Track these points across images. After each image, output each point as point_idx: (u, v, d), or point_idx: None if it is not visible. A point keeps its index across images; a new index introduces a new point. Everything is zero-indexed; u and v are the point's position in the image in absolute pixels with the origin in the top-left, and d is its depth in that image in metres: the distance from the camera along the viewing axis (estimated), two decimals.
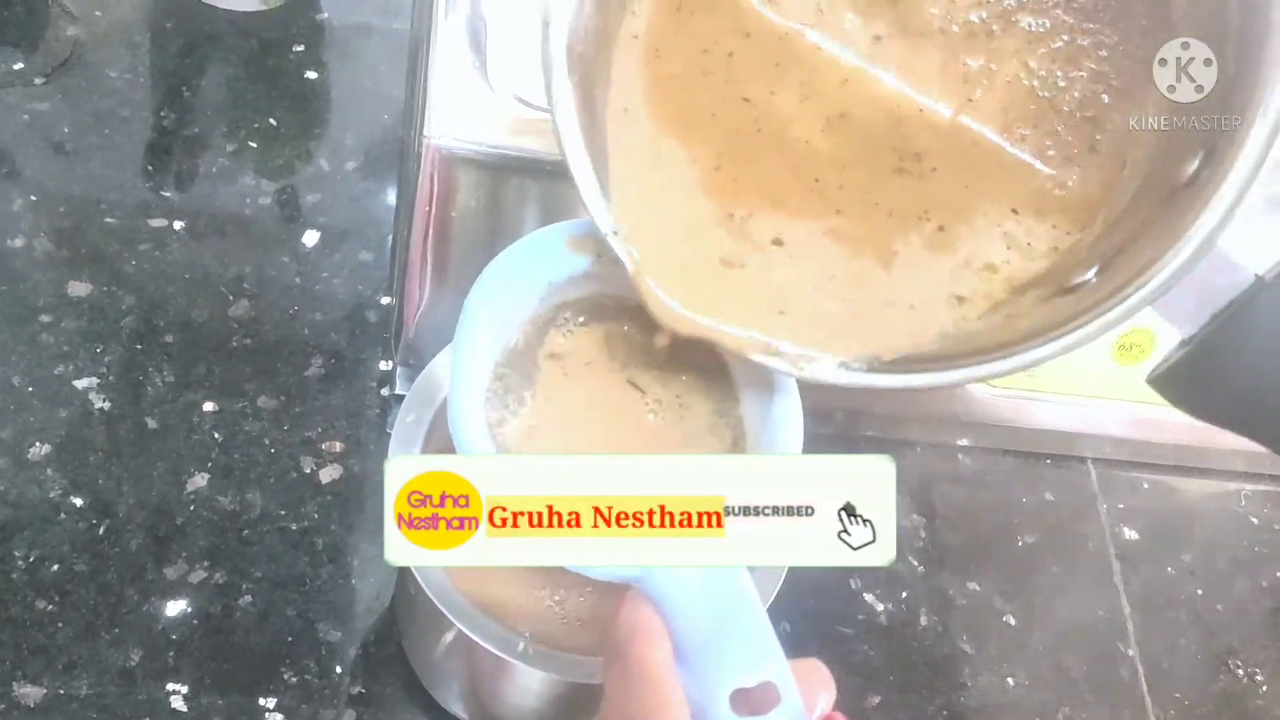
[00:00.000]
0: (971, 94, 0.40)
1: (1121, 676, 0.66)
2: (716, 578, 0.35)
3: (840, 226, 0.40)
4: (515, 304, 0.41)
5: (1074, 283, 0.38)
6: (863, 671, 0.62)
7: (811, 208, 0.40)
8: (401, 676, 0.55)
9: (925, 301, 0.39)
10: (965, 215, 0.40)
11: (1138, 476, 0.74)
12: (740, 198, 0.40)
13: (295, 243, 0.68)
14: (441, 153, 0.52)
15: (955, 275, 0.39)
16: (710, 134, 0.40)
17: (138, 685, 0.52)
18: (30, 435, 0.58)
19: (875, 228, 0.40)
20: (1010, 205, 0.40)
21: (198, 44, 0.75)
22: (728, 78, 0.40)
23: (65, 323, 0.61)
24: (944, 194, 0.40)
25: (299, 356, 0.64)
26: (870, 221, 0.40)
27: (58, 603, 0.54)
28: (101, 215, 0.66)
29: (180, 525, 0.57)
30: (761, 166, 0.40)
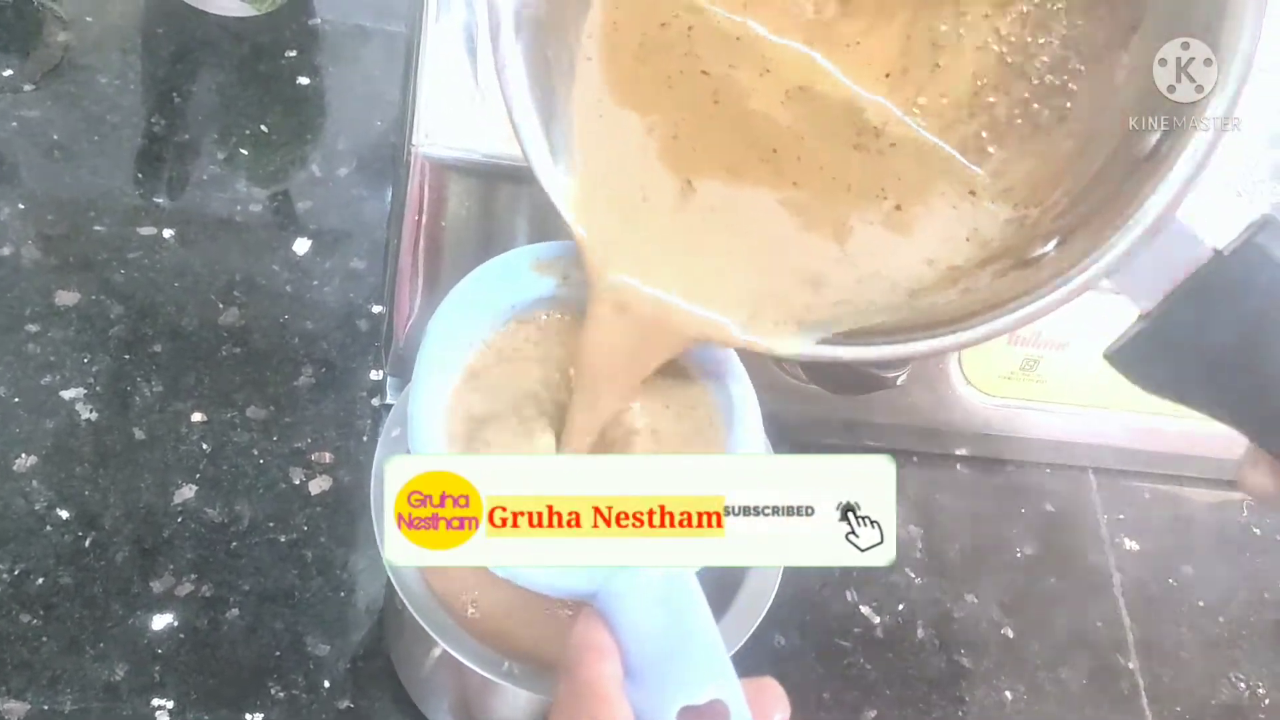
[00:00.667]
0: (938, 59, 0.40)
1: (1122, 690, 0.65)
2: (671, 594, 0.35)
3: (796, 198, 0.40)
4: (478, 327, 0.42)
5: (1032, 255, 0.38)
6: (859, 685, 0.61)
7: (768, 179, 0.40)
8: (390, 691, 0.55)
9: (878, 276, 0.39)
10: (922, 194, 0.40)
11: (1138, 486, 0.74)
12: (697, 166, 0.39)
13: (286, 250, 0.67)
14: (431, 161, 0.52)
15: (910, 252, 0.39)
16: (667, 104, 0.40)
17: (123, 700, 0.52)
18: (16, 446, 0.57)
19: (832, 202, 0.40)
20: (968, 186, 0.40)
21: (189, 49, 0.74)
22: (686, 51, 0.40)
23: (52, 332, 0.61)
24: (901, 171, 0.40)
25: (289, 366, 0.63)
26: (827, 196, 0.40)
27: (42, 616, 0.53)
28: (91, 223, 0.65)
29: (167, 537, 0.56)
30: (719, 136, 0.40)
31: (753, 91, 0.40)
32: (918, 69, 0.41)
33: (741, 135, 0.40)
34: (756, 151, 0.40)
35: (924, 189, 0.40)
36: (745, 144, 0.40)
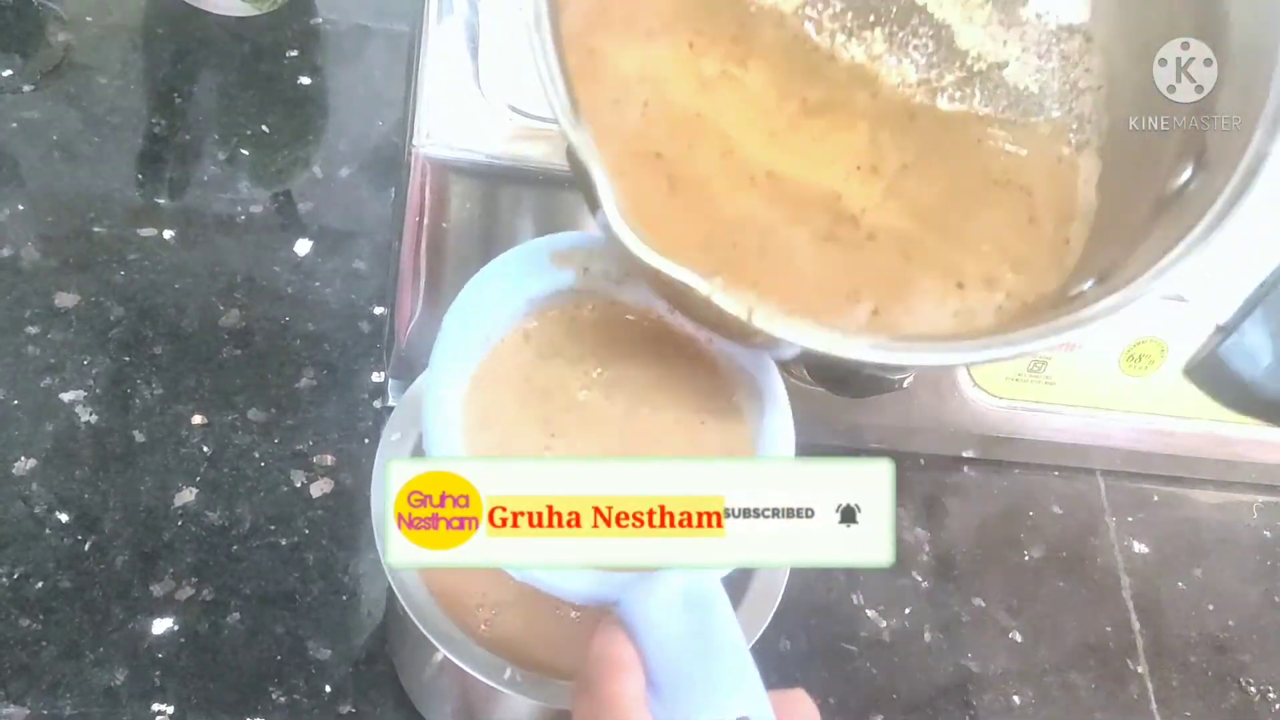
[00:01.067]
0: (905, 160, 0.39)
1: (1131, 694, 0.64)
2: (696, 600, 0.34)
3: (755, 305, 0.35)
4: (496, 319, 0.40)
5: (1070, 295, 0.37)
6: (866, 689, 0.61)
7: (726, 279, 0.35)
8: (392, 696, 0.54)
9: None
10: (902, 294, 0.37)
11: (1147, 489, 0.73)
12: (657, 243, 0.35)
13: (288, 251, 0.67)
14: (432, 161, 0.51)
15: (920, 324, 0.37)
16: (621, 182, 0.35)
17: (123, 705, 0.51)
18: (15, 449, 0.57)
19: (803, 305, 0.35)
20: (955, 278, 0.38)
21: (190, 49, 0.74)
22: (640, 131, 0.37)
23: (52, 334, 0.60)
24: (880, 266, 0.37)
25: (290, 368, 0.63)
26: (793, 299, 0.36)
27: (42, 621, 0.52)
28: (91, 224, 0.65)
29: (167, 541, 0.56)
30: (671, 231, 0.36)
31: (714, 175, 0.37)
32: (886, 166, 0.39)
33: (700, 227, 0.37)
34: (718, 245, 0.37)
35: (904, 286, 0.37)
36: (702, 237, 0.37)
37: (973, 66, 0.41)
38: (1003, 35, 0.41)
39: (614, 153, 0.36)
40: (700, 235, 0.37)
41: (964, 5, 0.41)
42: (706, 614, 0.34)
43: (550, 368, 0.42)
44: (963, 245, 0.38)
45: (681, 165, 0.37)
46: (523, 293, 0.40)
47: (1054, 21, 0.42)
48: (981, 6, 0.42)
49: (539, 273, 0.40)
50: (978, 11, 0.42)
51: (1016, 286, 0.38)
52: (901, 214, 0.38)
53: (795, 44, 0.40)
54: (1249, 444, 0.71)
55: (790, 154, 0.38)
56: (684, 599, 0.34)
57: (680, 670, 0.33)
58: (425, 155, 0.51)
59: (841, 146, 0.39)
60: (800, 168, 0.38)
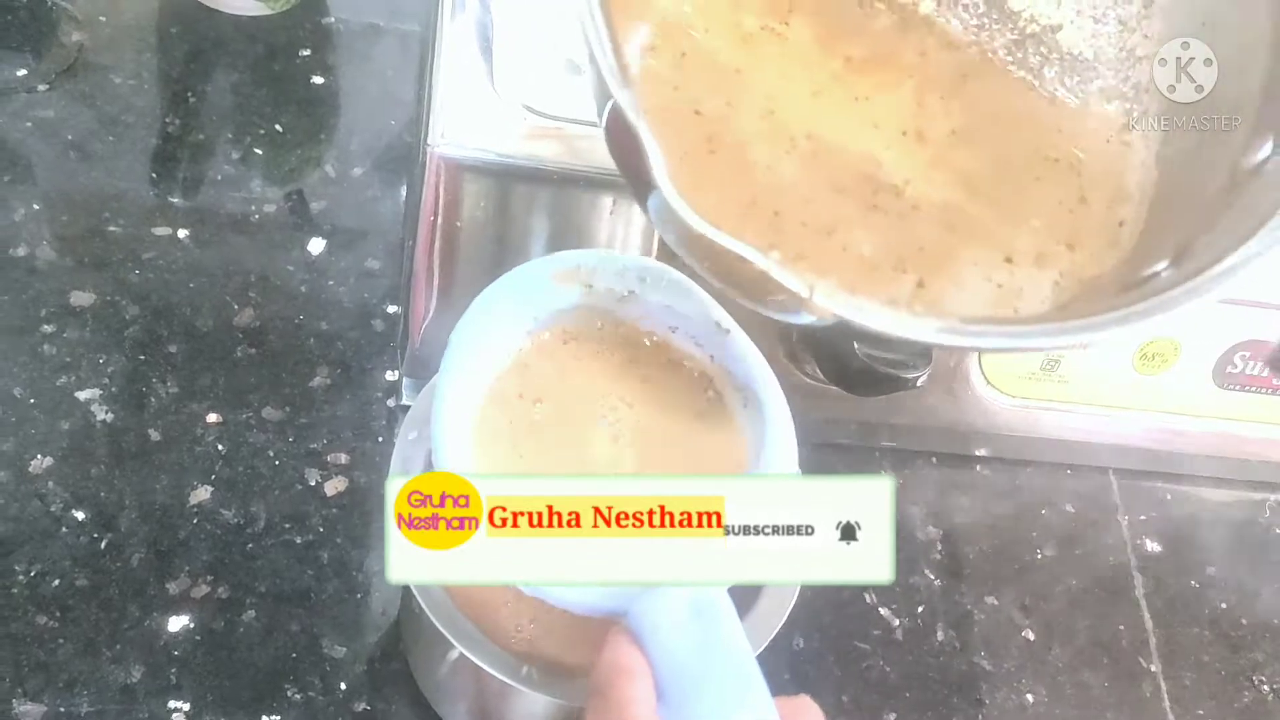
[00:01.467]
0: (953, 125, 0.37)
1: (1144, 693, 0.64)
2: (703, 612, 0.35)
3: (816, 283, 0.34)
4: (501, 338, 0.41)
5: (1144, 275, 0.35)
6: (879, 688, 0.61)
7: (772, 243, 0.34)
8: (407, 694, 0.54)
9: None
10: (949, 266, 0.35)
11: (1160, 487, 0.73)
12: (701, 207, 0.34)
13: (301, 250, 0.67)
14: (447, 161, 0.51)
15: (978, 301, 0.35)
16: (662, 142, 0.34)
17: (139, 703, 0.51)
18: (32, 448, 0.57)
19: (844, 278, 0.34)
20: (1004, 252, 0.36)
21: (203, 49, 0.74)
22: (678, 84, 0.35)
23: (68, 333, 0.61)
24: (925, 238, 0.35)
25: (304, 367, 0.63)
26: (838, 270, 0.35)
27: (59, 619, 0.53)
28: (106, 223, 0.65)
29: (183, 539, 0.56)
30: (711, 195, 0.34)
31: (754, 137, 0.35)
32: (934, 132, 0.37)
33: (740, 193, 0.35)
34: (758, 214, 0.35)
35: (950, 259, 0.35)
36: (745, 205, 0.35)
37: (1025, 29, 0.39)
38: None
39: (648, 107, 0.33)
40: (742, 201, 0.35)
41: None
42: (713, 624, 0.35)
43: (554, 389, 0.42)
44: (1012, 220, 0.36)
45: (721, 124, 0.36)
46: (528, 310, 0.41)
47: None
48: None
49: (542, 292, 0.41)
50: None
51: (1071, 265, 0.36)
52: (947, 185, 0.36)
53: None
54: (1262, 443, 0.71)
55: (833, 115, 0.37)
56: (690, 609, 0.35)
57: (688, 679, 0.34)
58: (440, 154, 0.51)
59: (888, 108, 0.37)
60: (843, 130, 0.36)
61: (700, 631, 0.34)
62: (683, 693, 0.33)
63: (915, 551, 0.66)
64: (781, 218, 0.35)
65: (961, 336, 0.32)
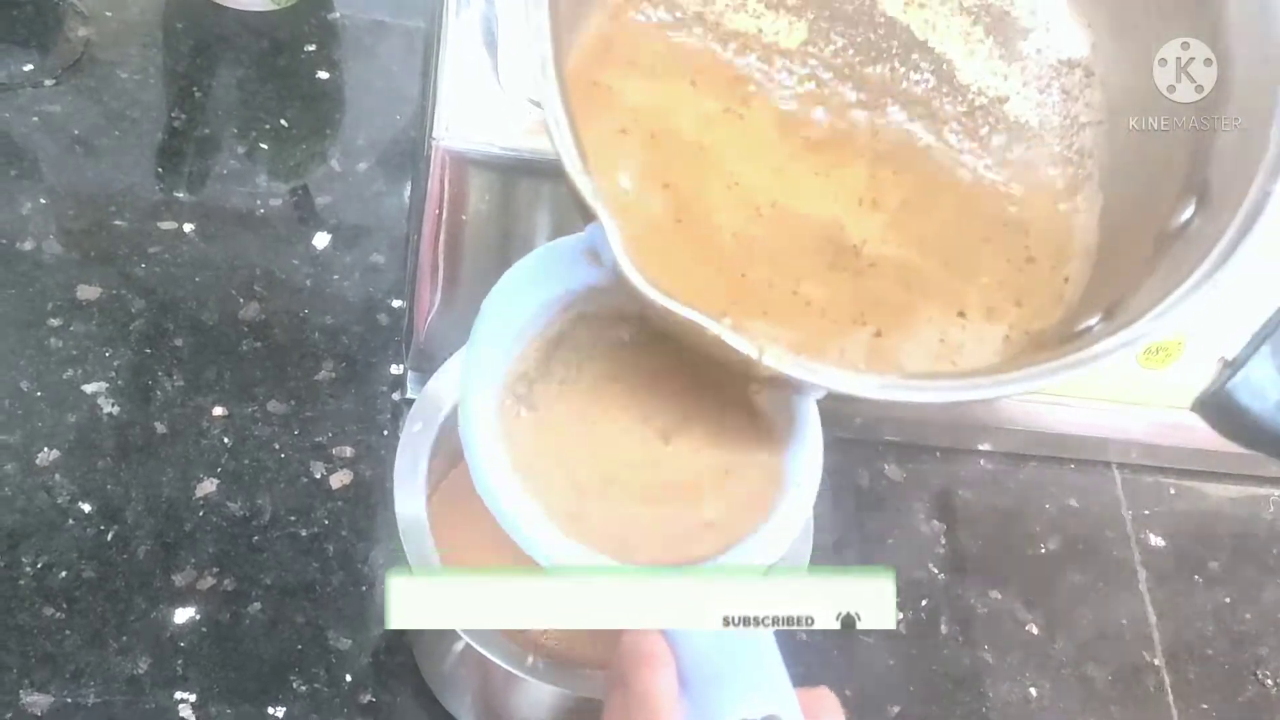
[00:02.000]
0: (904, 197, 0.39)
1: (1147, 687, 0.65)
2: None
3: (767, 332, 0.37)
4: (531, 312, 0.40)
5: (1076, 330, 0.37)
6: (883, 681, 0.61)
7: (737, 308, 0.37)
8: (412, 686, 0.54)
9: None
10: (905, 319, 0.37)
11: (1164, 482, 0.73)
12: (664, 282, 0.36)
13: (306, 245, 0.67)
14: (451, 154, 0.51)
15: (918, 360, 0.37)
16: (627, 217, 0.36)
17: (146, 694, 0.52)
18: (39, 440, 0.57)
19: (807, 333, 0.37)
20: (956, 307, 0.38)
21: (209, 44, 0.74)
22: (648, 162, 0.38)
23: (74, 326, 0.61)
24: (883, 293, 0.38)
25: (309, 360, 0.63)
26: (801, 326, 0.37)
27: (65, 610, 0.53)
28: (112, 217, 0.65)
29: (189, 531, 0.56)
30: (684, 259, 0.37)
31: (720, 207, 0.38)
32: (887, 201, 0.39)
33: (707, 258, 0.37)
34: (725, 276, 0.37)
35: (906, 313, 0.38)
36: (712, 269, 0.37)
37: (974, 101, 0.41)
38: (1003, 70, 0.42)
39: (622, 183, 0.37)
40: (710, 265, 0.37)
41: (965, 40, 0.42)
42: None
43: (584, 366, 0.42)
44: (963, 277, 0.39)
45: (689, 195, 0.38)
46: (559, 285, 0.40)
47: (1054, 56, 0.42)
48: (982, 41, 0.42)
49: (574, 267, 0.40)
50: (979, 46, 0.42)
51: (1019, 319, 0.38)
52: (902, 245, 0.39)
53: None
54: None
55: (794, 187, 0.39)
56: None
57: (710, 668, 0.34)
58: (445, 148, 0.51)
59: (843, 182, 0.39)
60: (804, 200, 0.39)
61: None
62: (705, 682, 0.33)
63: (919, 545, 0.66)
64: (748, 279, 0.37)
65: (904, 391, 0.33)
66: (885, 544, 0.66)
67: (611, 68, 0.39)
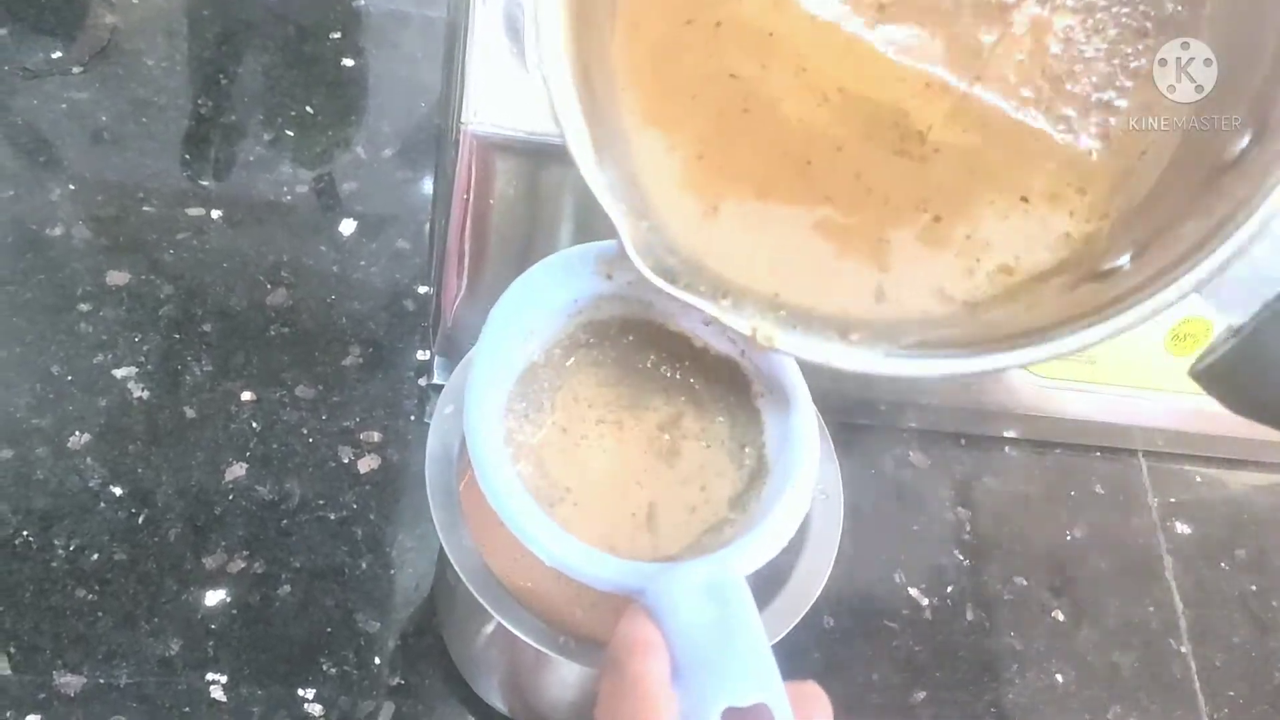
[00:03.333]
0: (982, 69, 0.38)
1: (1174, 674, 0.64)
2: (719, 594, 0.35)
3: (829, 218, 0.37)
4: (542, 318, 0.42)
5: (1103, 269, 0.36)
6: (908, 667, 0.61)
7: (802, 194, 0.37)
8: (441, 668, 0.55)
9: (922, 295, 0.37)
10: (967, 205, 0.37)
11: (1190, 470, 0.73)
12: (724, 187, 0.37)
13: (332, 231, 0.68)
14: (479, 138, 0.51)
15: (958, 270, 0.37)
16: (692, 118, 0.37)
17: (177, 675, 0.52)
18: (70, 424, 0.58)
19: (867, 217, 0.37)
20: (1019, 192, 0.37)
21: (235, 31, 0.75)
22: (712, 52, 0.37)
23: (104, 311, 0.61)
24: (946, 179, 0.37)
25: (337, 346, 0.63)
26: (864, 211, 0.37)
27: (98, 592, 0.53)
28: (140, 204, 0.66)
29: (219, 515, 0.57)
30: (748, 151, 0.37)
31: (787, 94, 0.37)
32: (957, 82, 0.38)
33: (773, 147, 0.37)
34: (789, 164, 0.37)
35: (969, 198, 0.37)
36: (777, 157, 0.37)
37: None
38: None
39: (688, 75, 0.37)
40: (775, 154, 0.37)
41: None
42: (728, 605, 0.35)
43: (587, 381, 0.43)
44: (1027, 162, 0.38)
45: (756, 85, 0.37)
46: (570, 293, 0.41)
47: None
48: None
49: (586, 275, 0.41)
50: None
51: (1080, 209, 0.37)
52: (969, 130, 0.38)
53: None
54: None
55: (861, 69, 0.38)
56: (707, 590, 0.35)
57: (701, 657, 0.34)
58: (473, 132, 0.51)
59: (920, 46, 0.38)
60: (871, 84, 0.38)
61: (716, 612, 0.35)
62: (696, 670, 0.34)
63: (944, 532, 0.66)
64: (813, 166, 0.37)
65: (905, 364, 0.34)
66: (910, 531, 0.66)
67: None
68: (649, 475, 0.43)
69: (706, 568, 0.36)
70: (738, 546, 0.38)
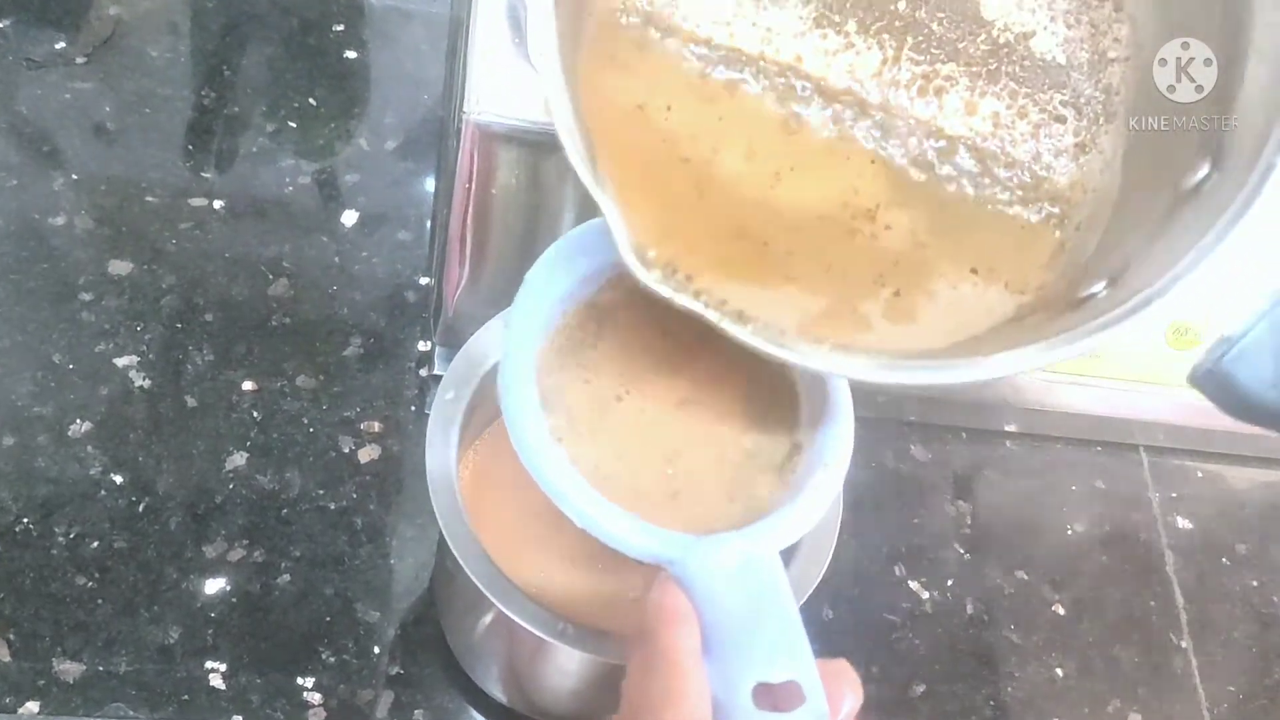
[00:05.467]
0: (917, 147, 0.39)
1: (1174, 668, 0.64)
2: (753, 569, 0.35)
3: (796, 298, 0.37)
4: (577, 283, 0.40)
5: (1079, 297, 0.36)
6: (908, 660, 0.61)
7: (763, 275, 0.37)
8: (440, 657, 0.55)
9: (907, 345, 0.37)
10: (921, 279, 0.38)
11: (1191, 465, 0.73)
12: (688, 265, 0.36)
13: (334, 222, 0.68)
14: (481, 129, 0.52)
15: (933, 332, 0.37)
16: (648, 201, 0.36)
17: (177, 663, 0.52)
18: (71, 413, 0.58)
19: (833, 294, 0.37)
20: (968, 264, 0.38)
21: (238, 23, 0.75)
22: (665, 136, 0.38)
23: (106, 301, 0.61)
24: (900, 255, 0.38)
25: (338, 336, 0.63)
26: (826, 290, 0.37)
27: (97, 580, 0.54)
28: (142, 194, 0.66)
29: (219, 504, 0.57)
30: (704, 235, 0.37)
31: (739, 178, 0.38)
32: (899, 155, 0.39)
33: (728, 229, 0.38)
34: (747, 247, 0.37)
35: (922, 272, 0.38)
36: (732, 240, 0.38)
37: (999, 37, 0.40)
38: (1030, 3, 0.41)
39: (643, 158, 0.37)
40: (732, 237, 0.37)
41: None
42: (762, 580, 0.35)
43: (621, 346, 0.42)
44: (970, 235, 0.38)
45: (708, 168, 0.38)
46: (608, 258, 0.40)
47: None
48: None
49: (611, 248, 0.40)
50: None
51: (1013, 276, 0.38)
52: (912, 206, 0.38)
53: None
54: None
55: (809, 149, 0.39)
56: (741, 564, 0.35)
57: (733, 631, 0.34)
58: (475, 122, 0.51)
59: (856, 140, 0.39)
60: (819, 163, 0.39)
61: (748, 586, 0.34)
62: (725, 643, 0.33)
63: (945, 525, 0.66)
64: (770, 248, 0.38)
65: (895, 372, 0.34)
66: (911, 524, 0.66)
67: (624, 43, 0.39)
68: (679, 444, 0.43)
69: (741, 541, 0.36)
70: (773, 520, 0.38)
